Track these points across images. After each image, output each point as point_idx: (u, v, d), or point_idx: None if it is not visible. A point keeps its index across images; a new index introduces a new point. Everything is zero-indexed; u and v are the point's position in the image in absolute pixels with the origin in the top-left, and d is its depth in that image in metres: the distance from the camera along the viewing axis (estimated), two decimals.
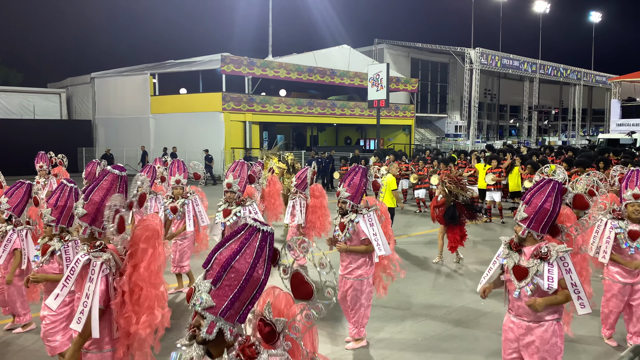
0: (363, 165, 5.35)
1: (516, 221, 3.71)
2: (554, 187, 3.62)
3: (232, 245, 2.06)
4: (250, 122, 26.31)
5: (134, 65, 31.97)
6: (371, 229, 4.93)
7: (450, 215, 8.44)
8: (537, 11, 49.27)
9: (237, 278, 2.00)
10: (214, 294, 2.00)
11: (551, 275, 3.47)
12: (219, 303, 1.99)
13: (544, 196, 3.60)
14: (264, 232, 2.09)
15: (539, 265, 3.52)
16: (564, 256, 3.49)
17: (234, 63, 25.46)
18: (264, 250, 2.07)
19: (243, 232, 2.09)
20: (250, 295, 2.04)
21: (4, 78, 43.33)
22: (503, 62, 41.77)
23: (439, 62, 45.65)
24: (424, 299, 6.98)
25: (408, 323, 6.08)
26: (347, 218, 5.05)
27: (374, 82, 24.86)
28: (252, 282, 2.03)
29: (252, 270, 2.02)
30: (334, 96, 33.17)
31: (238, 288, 2.00)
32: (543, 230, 3.63)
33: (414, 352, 5.31)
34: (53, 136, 26.20)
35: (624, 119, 33.70)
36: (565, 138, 48.43)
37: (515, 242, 3.73)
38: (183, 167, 7.11)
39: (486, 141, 41.07)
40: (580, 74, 50.01)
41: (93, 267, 3.27)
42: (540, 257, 3.53)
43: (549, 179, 3.67)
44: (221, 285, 2.00)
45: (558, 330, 3.64)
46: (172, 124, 26.09)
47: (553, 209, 3.60)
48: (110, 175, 3.49)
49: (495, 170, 12.62)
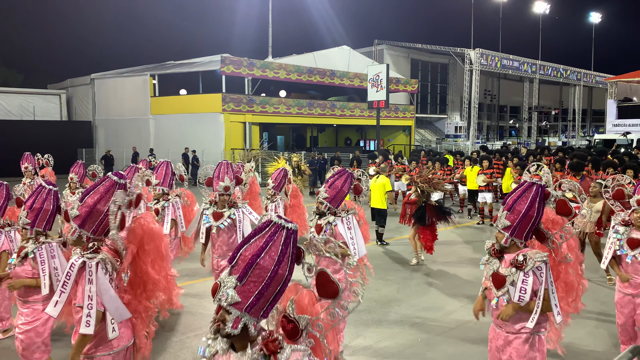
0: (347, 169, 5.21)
1: (497, 228, 3.50)
2: (537, 191, 3.43)
3: (257, 241, 2.10)
4: (250, 123, 26.32)
5: (134, 67, 32.00)
6: (348, 232, 4.83)
7: (419, 216, 8.41)
8: (536, 12, 49.31)
9: (262, 275, 2.04)
10: (240, 290, 2.04)
11: (524, 287, 3.31)
12: (244, 299, 2.03)
13: (527, 202, 3.40)
14: (288, 229, 2.12)
15: (514, 275, 3.36)
16: (540, 266, 3.32)
17: (234, 64, 25.46)
18: (288, 248, 2.10)
19: (268, 229, 2.12)
20: (274, 291, 2.08)
21: (4, 79, 43.34)
22: (503, 62, 41.77)
23: (438, 62, 45.65)
24: (408, 303, 6.83)
25: (389, 329, 5.91)
26: (324, 220, 4.91)
27: (374, 82, 24.85)
28: (276, 278, 2.06)
29: (277, 267, 2.06)
30: (334, 97, 33.17)
31: (263, 284, 2.04)
32: (527, 237, 3.47)
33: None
34: (53, 137, 26.21)
35: (620, 120, 33.57)
36: (565, 139, 48.41)
37: (496, 248, 3.56)
38: (165, 170, 6.92)
39: (486, 142, 41.09)
40: (580, 75, 50.02)
41: (90, 269, 3.26)
42: (515, 266, 3.36)
43: (530, 182, 3.49)
44: (247, 281, 2.04)
45: (537, 344, 3.45)
46: (172, 125, 26.09)
47: (537, 215, 3.43)
48: (109, 181, 3.48)
49: (487, 171, 12.40)
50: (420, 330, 5.92)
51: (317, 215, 5.01)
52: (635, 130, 29.02)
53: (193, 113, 25.49)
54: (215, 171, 5.96)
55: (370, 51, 41.10)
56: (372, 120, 27.46)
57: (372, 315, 6.37)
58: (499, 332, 3.56)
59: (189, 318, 6.20)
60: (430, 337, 5.71)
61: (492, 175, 12.35)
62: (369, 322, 6.13)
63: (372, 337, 5.71)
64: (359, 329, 5.91)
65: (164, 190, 6.75)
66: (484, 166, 12.50)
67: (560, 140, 45.83)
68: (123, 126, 27.82)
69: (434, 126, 44.71)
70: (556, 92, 52.25)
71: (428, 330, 5.95)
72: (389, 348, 5.43)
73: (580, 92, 51.16)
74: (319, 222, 4.93)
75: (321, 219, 4.94)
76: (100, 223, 3.43)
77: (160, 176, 6.81)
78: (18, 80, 45.84)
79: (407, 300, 6.94)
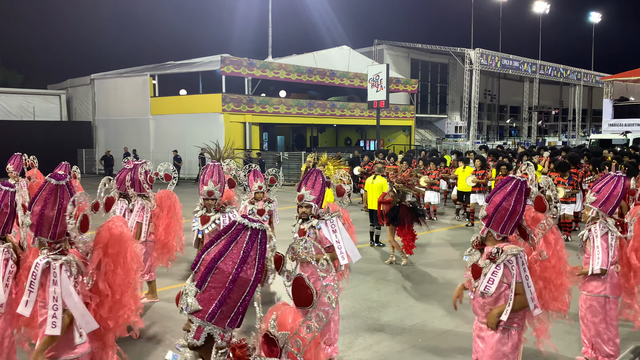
0: None
1: (479, 219, 3.66)
2: (516, 186, 3.45)
3: (219, 244, 1.95)
4: (250, 123, 26.31)
5: (134, 67, 32.00)
6: (334, 236, 4.62)
7: (393, 216, 8.32)
8: (536, 12, 49.31)
9: (222, 280, 1.89)
10: (200, 297, 1.90)
11: (493, 278, 3.38)
12: (205, 307, 1.89)
13: (504, 195, 3.46)
14: (253, 229, 1.96)
15: (487, 266, 3.43)
16: (511, 259, 3.36)
17: (234, 64, 25.45)
18: (253, 249, 1.94)
19: (231, 231, 1.97)
20: (239, 297, 1.92)
21: (4, 80, 43.33)
22: (503, 62, 41.77)
23: (438, 62, 45.64)
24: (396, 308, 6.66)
25: (379, 336, 5.71)
26: (308, 224, 4.70)
27: (374, 82, 24.83)
28: (239, 283, 1.90)
29: (239, 270, 1.90)
30: (334, 97, 33.17)
31: (225, 290, 1.89)
32: (504, 230, 3.48)
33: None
34: (53, 138, 26.22)
35: (616, 119, 33.43)
36: (565, 138, 48.41)
37: (477, 240, 3.65)
38: None
39: (486, 142, 41.07)
40: (580, 75, 50.02)
41: (54, 270, 3.21)
42: (489, 258, 3.44)
43: (511, 177, 3.54)
44: (207, 287, 1.90)
45: (508, 338, 3.47)
46: (171, 125, 26.08)
47: (513, 209, 3.43)
48: (48, 185, 3.36)
49: (479, 172, 12.04)
50: (410, 335, 5.87)
51: (300, 219, 4.81)
52: (632, 130, 28.93)
53: (193, 113, 25.48)
54: (202, 174, 5.80)
55: (370, 51, 41.09)
56: (372, 120, 27.45)
57: (361, 320, 6.28)
58: (475, 321, 3.69)
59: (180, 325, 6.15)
60: (416, 344, 5.61)
61: (484, 176, 11.99)
62: (361, 328, 6.04)
63: (363, 344, 5.63)
64: (349, 337, 5.82)
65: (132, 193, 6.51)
66: (477, 166, 12.21)
67: (560, 140, 45.82)
68: (123, 126, 27.82)
69: (434, 126, 44.70)
70: (556, 92, 52.26)
71: (415, 335, 5.86)
72: (383, 355, 5.38)
73: (580, 91, 51.16)
74: (302, 226, 4.75)
75: (304, 223, 4.75)
76: (55, 227, 3.34)
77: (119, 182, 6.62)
78: (18, 80, 45.84)
79: (396, 306, 6.81)
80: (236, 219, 2.01)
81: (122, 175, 7.65)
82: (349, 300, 6.90)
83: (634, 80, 33.77)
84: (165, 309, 6.42)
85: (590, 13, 54.31)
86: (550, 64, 46.34)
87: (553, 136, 49.42)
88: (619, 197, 4.54)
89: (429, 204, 13.06)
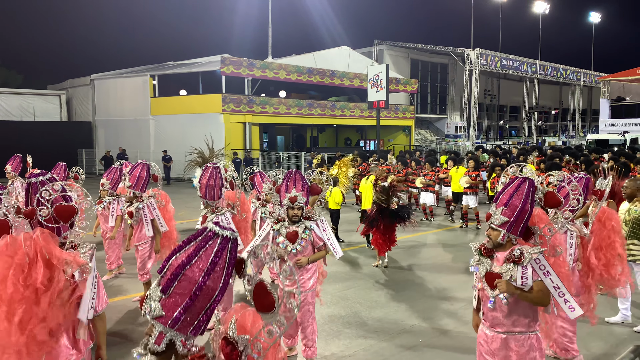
0: None
1: (491, 225, 3.41)
2: (530, 186, 3.39)
3: (188, 250, 1.91)
4: (250, 123, 26.31)
5: (134, 67, 31.99)
6: (324, 234, 4.73)
7: (372, 218, 8.17)
8: (536, 12, 49.32)
9: (188, 287, 1.85)
10: (164, 302, 1.86)
11: (524, 278, 3.26)
12: (169, 313, 1.86)
13: (522, 197, 3.35)
14: (223, 237, 1.92)
15: (512, 270, 3.28)
16: (538, 258, 3.27)
17: (234, 64, 25.46)
18: (221, 258, 1.90)
19: (201, 237, 1.93)
20: (204, 306, 1.89)
21: (4, 80, 43.33)
22: (503, 62, 41.77)
23: (438, 62, 45.64)
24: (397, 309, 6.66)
25: (379, 337, 5.69)
26: (300, 227, 4.66)
27: (374, 83, 24.84)
28: (205, 291, 1.87)
29: (205, 278, 1.86)
30: (334, 97, 33.16)
31: (190, 298, 1.85)
32: (522, 234, 3.42)
33: None
34: (53, 138, 26.22)
35: (613, 119, 33.32)
36: (565, 138, 48.43)
37: (486, 247, 3.47)
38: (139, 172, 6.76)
39: (486, 142, 41.08)
40: (580, 75, 50.02)
41: None
42: (513, 261, 3.29)
43: (523, 177, 3.44)
44: (172, 293, 1.86)
45: (536, 343, 3.38)
46: (171, 126, 26.08)
47: (531, 210, 3.40)
48: None
49: (473, 172, 11.69)
50: (410, 336, 5.88)
51: (291, 223, 4.72)
52: (629, 130, 28.87)
53: (193, 113, 25.48)
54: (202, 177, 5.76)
55: (370, 51, 41.09)
56: (372, 120, 27.45)
57: (361, 321, 6.28)
58: (492, 334, 3.43)
59: None
60: (420, 343, 5.62)
61: (477, 177, 11.67)
62: (361, 328, 6.05)
63: (341, 345, 5.57)
64: (352, 335, 5.83)
65: (135, 193, 6.62)
66: (470, 167, 11.88)
67: (560, 140, 45.85)
68: (123, 127, 27.82)
69: (434, 126, 44.70)
70: (556, 92, 52.27)
71: (418, 335, 5.88)
72: (379, 355, 5.37)
73: (580, 92, 51.17)
74: (293, 229, 4.67)
75: (294, 225, 4.68)
76: None
77: (134, 178, 6.66)
78: (18, 81, 45.85)
79: (396, 306, 6.80)
80: (207, 225, 1.94)
81: (116, 176, 7.68)
82: (348, 301, 6.91)
83: (631, 80, 33.64)
84: None
85: (590, 13, 54.36)
86: (550, 64, 46.35)
87: (553, 136, 49.43)
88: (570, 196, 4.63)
89: (425, 204, 12.88)
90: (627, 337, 5.55)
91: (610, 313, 6.05)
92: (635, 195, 5.67)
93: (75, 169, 8.88)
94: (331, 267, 8.45)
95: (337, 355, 5.23)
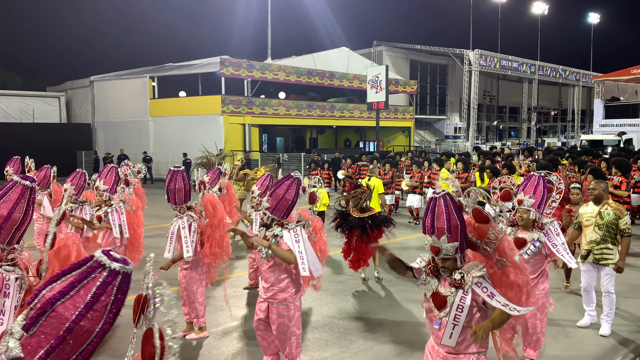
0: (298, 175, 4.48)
1: (440, 244, 3.13)
2: (447, 202, 3.13)
3: (66, 280, 1.56)
4: (250, 124, 26.32)
5: (133, 69, 32.00)
6: (297, 246, 4.17)
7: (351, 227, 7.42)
8: (535, 12, 49.44)
9: (58, 326, 1.51)
10: (26, 341, 1.50)
11: (461, 305, 3.07)
12: (28, 356, 1.49)
13: (448, 212, 3.10)
14: (111, 270, 1.56)
15: (454, 294, 3.11)
16: (479, 281, 3.07)
17: (233, 66, 25.47)
18: (105, 294, 1.55)
19: (84, 267, 1.58)
20: (75, 350, 1.54)
21: (3, 82, 43.35)
22: (502, 63, 41.84)
23: (438, 63, 45.70)
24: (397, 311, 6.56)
25: (379, 338, 5.57)
26: (270, 232, 4.32)
27: (373, 84, 24.87)
28: (79, 333, 1.52)
29: (81, 318, 1.52)
30: (333, 98, 33.19)
31: (57, 339, 1.51)
32: (463, 250, 3.19)
33: None
34: (52, 140, 26.24)
35: (608, 119, 33.21)
36: (565, 139, 48.48)
37: (431, 266, 3.27)
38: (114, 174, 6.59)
39: (485, 143, 41.11)
40: (579, 75, 50.11)
41: (7, 282, 2.89)
42: (454, 286, 3.12)
43: (442, 191, 3.18)
44: (37, 331, 1.51)
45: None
46: (171, 127, 26.09)
47: (462, 224, 3.14)
48: (19, 186, 3.08)
49: (462, 175, 11.18)
50: (410, 336, 5.89)
51: (263, 227, 4.45)
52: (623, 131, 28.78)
53: (192, 115, 25.50)
54: None
55: (370, 52, 41.14)
56: (372, 121, 27.47)
57: (361, 322, 6.24)
58: (437, 349, 3.27)
59: None
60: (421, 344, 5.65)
61: (467, 180, 11.14)
62: (360, 329, 6.02)
63: (363, 344, 5.59)
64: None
65: (110, 197, 6.42)
66: (459, 169, 11.45)
67: (560, 141, 45.91)
68: (122, 128, 27.83)
69: (434, 127, 44.74)
70: (555, 93, 52.34)
71: None
72: (379, 356, 5.34)
73: (579, 92, 51.25)
74: (266, 233, 4.39)
75: (268, 230, 4.40)
76: (15, 232, 3.06)
77: (108, 182, 6.49)
78: (17, 82, 45.85)
79: (397, 307, 6.75)
80: (95, 254, 1.60)
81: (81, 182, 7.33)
82: (348, 302, 6.90)
83: (625, 79, 33.56)
84: None
85: (588, 14, 54.47)
86: (549, 65, 46.43)
87: (552, 137, 49.49)
88: (545, 196, 4.58)
89: (411, 207, 12.55)
90: (627, 336, 5.56)
91: (580, 316, 5.99)
92: (602, 197, 5.56)
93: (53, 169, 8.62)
94: (330, 268, 8.46)
95: (341, 354, 5.23)
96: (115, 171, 6.62)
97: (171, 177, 5.42)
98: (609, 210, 5.48)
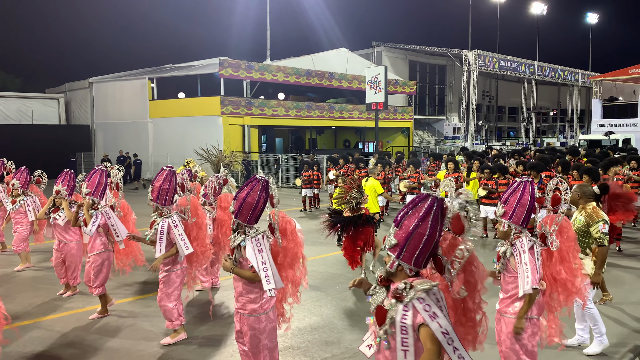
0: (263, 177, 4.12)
1: (385, 249, 2.84)
2: (432, 205, 2.77)
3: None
4: (249, 125, 26.32)
5: (132, 70, 32.00)
6: (259, 256, 3.86)
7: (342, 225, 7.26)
8: (534, 13, 49.50)
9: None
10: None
11: (403, 323, 2.61)
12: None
13: (419, 217, 2.73)
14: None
15: (394, 308, 2.66)
16: (422, 297, 2.58)
17: (232, 67, 25.48)
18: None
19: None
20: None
21: (2, 83, 43.34)
22: (501, 63, 41.87)
23: (436, 64, 45.74)
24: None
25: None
26: (234, 242, 4.00)
27: (372, 84, 24.88)
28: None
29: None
30: (332, 99, 33.20)
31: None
32: (417, 264, 2.74)
33: None
34: (51, 141, 26.22)
35: (606, 119, 33.13)
36: (564, 139, 48.54)
37: (382, 275, 2.85)
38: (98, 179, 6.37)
39: (485, 143, 41.13)
40: (578, 75, 50.18)
41: None
42: (395, 297, 2.67)
43: (425, 194, 2.86)
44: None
45: None
46: (170, 128, 26.09)
47: (431, 234, 2.72)
48: None
49: (453, 175, 11.02)
50: None
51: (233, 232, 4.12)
52: (621, 130, 28.75)
53: (192, 116, 25.50)
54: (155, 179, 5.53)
55: (368, 53, 41.17)
56: (371, 122, 27.49)
57: (361, 322, 6.28)
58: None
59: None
60: None
61: (457, 180, 10.87)
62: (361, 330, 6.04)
63: None
64: (352, 337, 5.83)
65: (93, 200, 6.24)
66: (450, 169, 11.32)
67: (559, 141, 45.97)
68: (122, 130, 27.83)
69: (433, 127, 44.77)
70: (554, 93, 52.42)
71: None
72: None
73: (578, 92, 51.30)
74: (231, 245, 4.08)
75: (234, 236, 4.08)
76: None
77: (92, 185, 6.26)
78: (16, 84, 45.83)
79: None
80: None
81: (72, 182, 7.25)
82: (348, 302, 6.90)
83: (623, 79, 33.57)
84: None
85: (587, 14, 54.58)
86: (547, 65, 46.48)
87: (551, 137, 49.55)
88: (530, 205, 3.77)
89: None
90: (627, 336, 5.55)
91: (569, 334, 5.30)
92: (576, 202, 5.19)
93: (37, 172, 8.61)
94: (331, 268, 8.45)
95: (341, 355, 5.23)
96: (101, 173, 6.40)
97: (164, 177, 5.37)
98: (581, 216, 5.11)
